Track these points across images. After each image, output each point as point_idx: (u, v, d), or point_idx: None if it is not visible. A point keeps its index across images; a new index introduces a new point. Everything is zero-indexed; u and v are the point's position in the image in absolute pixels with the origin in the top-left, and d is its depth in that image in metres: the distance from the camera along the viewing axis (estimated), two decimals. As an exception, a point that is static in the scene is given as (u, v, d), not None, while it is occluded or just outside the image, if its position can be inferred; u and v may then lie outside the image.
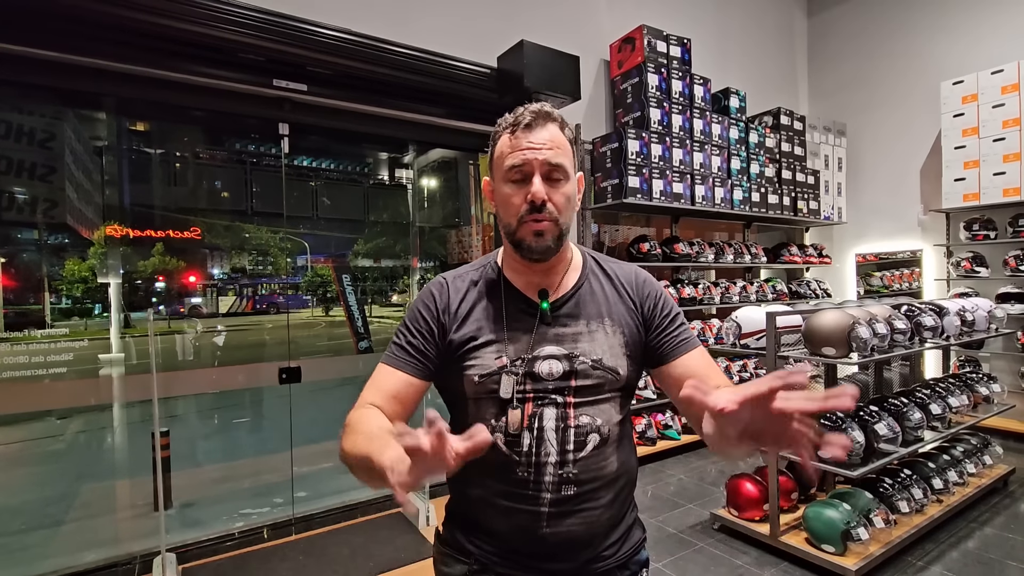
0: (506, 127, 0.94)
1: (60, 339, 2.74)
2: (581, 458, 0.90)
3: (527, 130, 0.90)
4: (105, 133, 4.09)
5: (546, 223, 0.90)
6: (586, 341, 0.94)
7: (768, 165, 4.82)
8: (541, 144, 0.89)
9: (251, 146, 6.02)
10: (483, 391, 0.92)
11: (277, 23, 2.68)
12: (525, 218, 0.90)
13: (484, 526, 0.94)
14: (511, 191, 0.91)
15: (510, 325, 0.95)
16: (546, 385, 0.91)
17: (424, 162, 5.39)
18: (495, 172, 0.95)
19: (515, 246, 0.93)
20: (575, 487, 0.90)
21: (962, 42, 4.89)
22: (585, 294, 0.99)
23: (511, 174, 0.91)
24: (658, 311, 1.00)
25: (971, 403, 3.10)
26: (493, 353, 0.93)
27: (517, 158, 0.90)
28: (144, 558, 2.65)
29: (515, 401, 0.90)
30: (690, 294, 4.19)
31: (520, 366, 0.91)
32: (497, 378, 0.91)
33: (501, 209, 0.94)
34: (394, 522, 3.05)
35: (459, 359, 0.94)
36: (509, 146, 0.92)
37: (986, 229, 4.54)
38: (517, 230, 0.91)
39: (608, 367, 0.94)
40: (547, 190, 0.90)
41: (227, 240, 6.42)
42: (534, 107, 0.93)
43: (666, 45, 4.11)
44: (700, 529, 2.91)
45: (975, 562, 2.51)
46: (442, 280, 1.01)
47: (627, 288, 1.02)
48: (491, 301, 0.97)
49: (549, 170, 0.90)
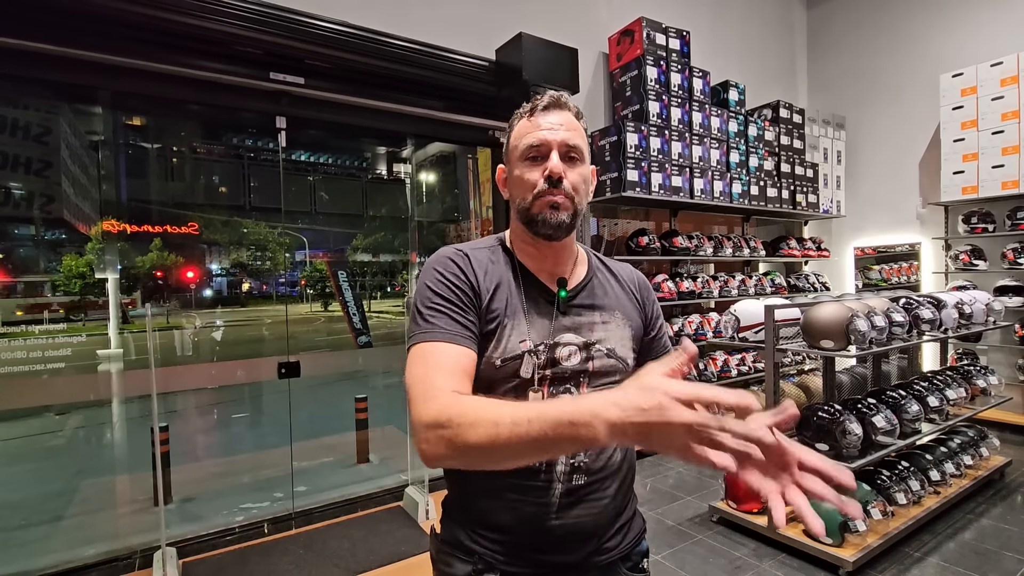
0: (523, 113, 0.95)
1: (58, 334, 2.73)
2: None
3: (545, 112, 0.92)
4: (101, 128, 4.07)
5: (562, 197, 0.90)
6: (601, 331, 0.96)
7: (767, 158, 4.81)
8: (559, 125, 0.91)
9: (248, 141, 5.99)
10: (502, 375, 0.89)
11: (274, 15, 2.66)
12: (543, 192, 0.90)
13: (488, 521, 0.92)
14: (528, 168, 0.92)
15: (530, 309, 0.93)
16: (564, 372, 0.91)
17: (422, 156, 5.37)
18: (511, 155, 0.95)
19: (528, 223, 0.92)
20: (585, 476, 0.90)
21: (961, 34, 4.87)
22: (596, 287, 1.00)
23: (528, 152, 0.91)
24: (655, 315, 1.06)
25: (968, 395, 3.11)
26: (518, 336, 0.91)
27: (535, 138, 0.91)
28: (144, 553, 2.65)
29: (536, 385, 0.89)
30: (689, 287, 4.19)
31: (542, 352, 0.91)
32: (519, 363, 0.90)
33: (516, 189, 0.94)
34: (393, 516, 3.06)
35: (483, 339, 0.90)
36: (527, 127, 0.93)
37: (984, 222, 4.54)
38: (532, 205, 0.91)
39: (620, 357, 0.96)
40: (564, 168, 0.90)
41: (225, 235, 6.41)
42: (552, 93, 0.95)
43: (665, 38, 4.09)
44: (699, 521, 2.93)
45: (972, 553, 2.53)
46: (461, 251, 0.95)
47: (631, 288, 1.05)
48: (511, 283, 0.95)
49: (567, 150, 0.91)
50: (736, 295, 4.44)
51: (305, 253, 7.59)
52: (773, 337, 2.58)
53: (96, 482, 3.74)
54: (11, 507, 3.24)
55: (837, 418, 2.45)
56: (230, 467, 4.17)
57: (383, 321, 7.57)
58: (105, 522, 3.19)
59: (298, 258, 7.38)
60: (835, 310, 2.50)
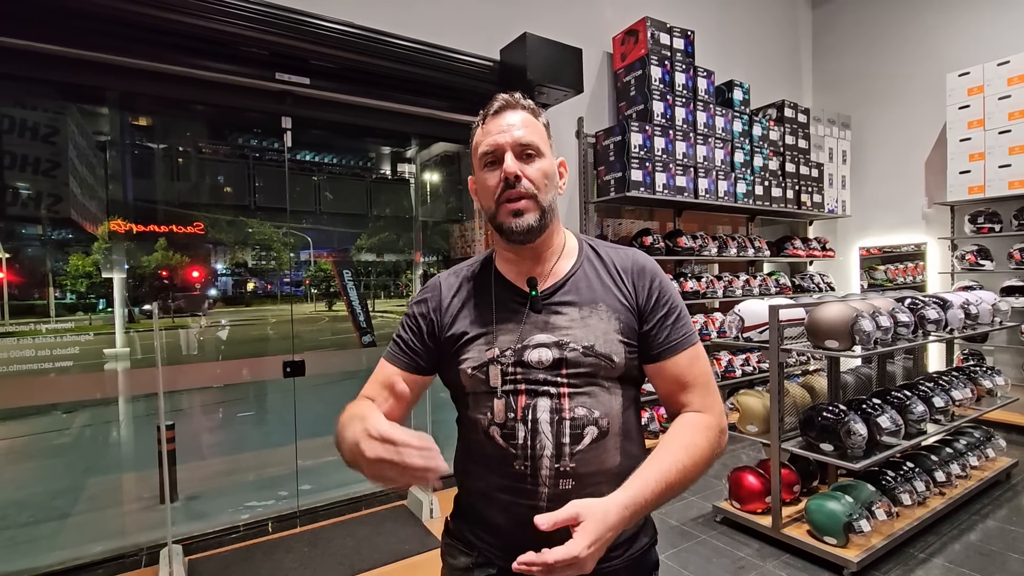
0: (479, 121, 0.96)
1: (65, 333, 2.75)
2: (578, 451, 0.87)
3: (496, 116, 0.93)
4: (108, 128, 4.10)
5: (523, 201, 0.90)
6: (578, 328, 0.92)
7: (772, 158, 4.79)
8: (510, 125, 0.91)
9: (254, 141, 6.02)
10: (477, 384, 0.93)
11: (279, 16, 2.67)
12: (501, 198, 0.90)
13: (486, 520, 0.95)
14: (487, 174, 0.93)
15: (500, 316, 0.95)
16: (536, 375, 0.90)
17: (427, 156, 5.38)
18: (475, 165, 0.97)
19: (498, 231, 0.94)
20: (573, 481, 0.87)
21: (968, 33, 4.85)
22: (579, 280, 0.96)
23: (485, 159, 0.92)
24: (652, 301, 0.95)
25: (974, 396, 3.09)
26: (483, 345, 0.93)
27: (487, 144, 0.91)
28: (151, 550, 2.67)
29: (499, 391, 0.90)
30: (693, 287, 4.19)
31: (509, 356, 0.91)
32: (487, 370, 0.91)
33: (482, 197, 0.96)
34: (398, 514, 3.07)
35: (454, 354, 0.96)
36: (481, 136, 0.94)
37: (991, 222, 4.51)
38: (497, 213, 0.92)
39: (601, 353, 0.90)
40: (520, 166, 0.90)
41: (230, 235, 6.43)
42: (502, 96, 0.95)
43: (669, 37, 4.08)
44: (702, 522, 2.92)
45: (977, 554, 2.52)
46: (436, 279, 1.05)
47: (621, 274, 0.97)
48: (482, 294, 0.98)
49: (521, 148, 0.90)
50: (740, 295, 4.43)
51: (309, 253, 7.62)
52: (777, 337, 2.58)
53: (103, 480, 3.77)
54: (19, 504, 3.26)
55: (842, 418, 2.45)
56: (235, 465, 4.19)
57: (387, 320, 7.59)
58: (112, 519, 3.21)
59: (302, 258, 7.40)
60: (840, 310, 2.49)
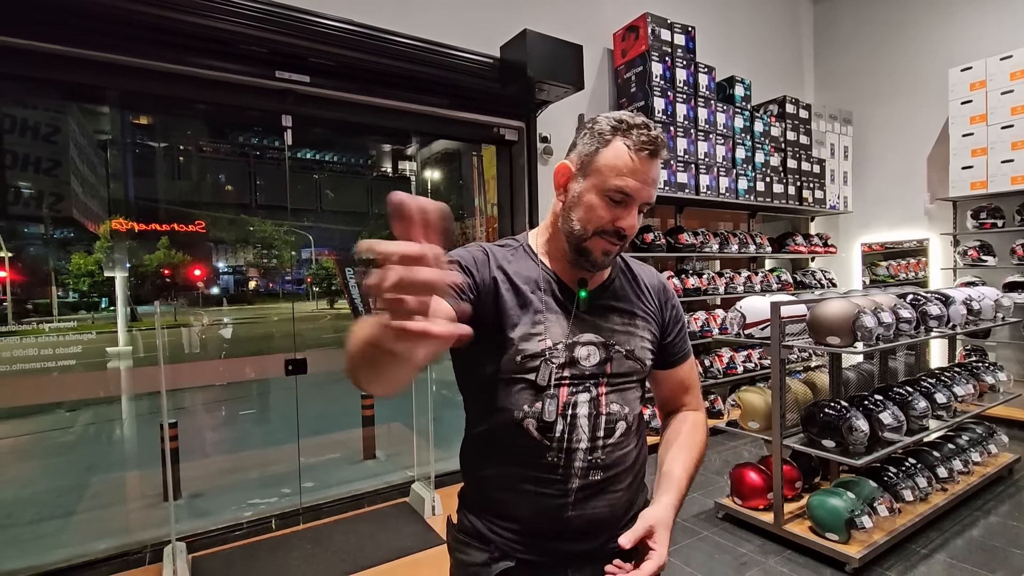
0: (623, 131, 0.88)
1: (68, 332, 2.76)
2: (610, 444, 0.93)
3: (645, 155, 0.87)
4: (109, 127, 4.10)
5: (619, 247, 0.93)
6: (622, 332, 0.97)
7: (773, 154, 4.78)
8: (653, 181, 0.90)
9: (254, 139, 6.02)
10: (520, 371, 0.90)
11: (279, 14, 2.67)
12: (603, 234, 0.90)
13: (505, 511, 0.94)
14: (602, 204, 0.89)
15: (550, 308, 0.94)
16: (583, 371, 0.93)
17: (427, 154, 5.38)
18: (590, 173, 0.90)
19: (578, 251, 0.93)
20: (602, 472, 0.92)
21: (970, 28, 4.82)
22: (618, 289, 1.02)
23: (613, 193, 0.88)
24: (673, 320, 1.07)
25: (977, 392, 3.09)
26: (536, 334, 0.91)
27: (627, 185, 0.87)
28: (155, 547, 2.68)
29: (552, 388, 0.90)
30: (694, 284, 4.19)
31: (560, 351, 0.92)
32: (537, 362, 0.90)
33: (579, 212, 0.91)
34: (400, 512, 3.08)
35: (499, 332, 0.91)
36: (624, 162, 0.87)
37: (993, 217, 4.50)
38: (589, 239, 0.91)
39: (638, 358, 0.98)
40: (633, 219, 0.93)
41: (232, 233, 6.44)
42: (657, 135, 0.88)
43: (670, 33, 4.07)
44: (704, 518, 2.93)
45: (979, 550, 2.52)
46: (484, 246, 0.98)
47: (652, 291, 1.06)
48: (531, 282, 0.96)
49: (646, 206, 0.92)
50: (742, 292, 4.43)
51: (311, 251, 7.63)
52: (779, 334, 2.57)
53: (107, 478, 3.78)
54: (24, 502, 3.28)
55: (844, 415, 2.45)
56: (238, 463, 4.20)
57: (389, 318, 7.57)
58: (116, 517, 3.23)
59: (304, 256, 7.41)
60: (842, 306, 2.49)
